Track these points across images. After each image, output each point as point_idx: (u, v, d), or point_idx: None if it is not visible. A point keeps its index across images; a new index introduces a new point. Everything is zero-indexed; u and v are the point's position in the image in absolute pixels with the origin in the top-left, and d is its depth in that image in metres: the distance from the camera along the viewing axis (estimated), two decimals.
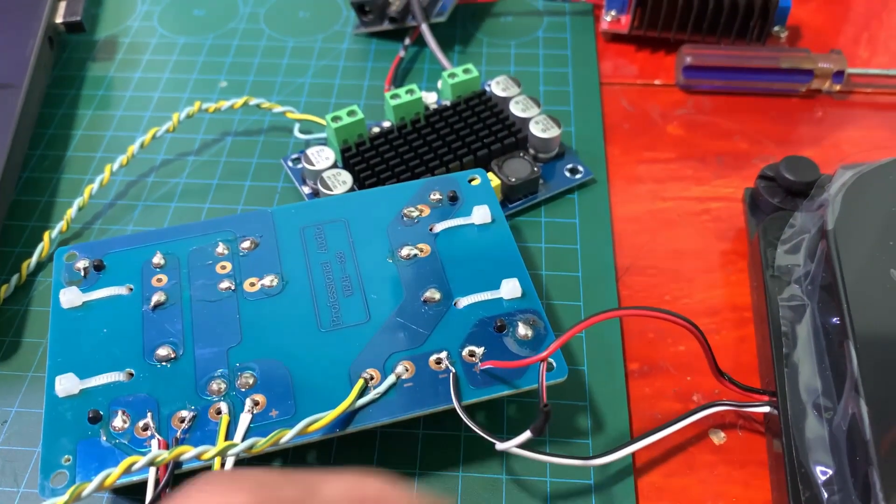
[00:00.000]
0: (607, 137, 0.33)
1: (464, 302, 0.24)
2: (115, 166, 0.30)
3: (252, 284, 0.24)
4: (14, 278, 0.28)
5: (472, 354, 0.23)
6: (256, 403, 0.22)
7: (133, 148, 0.30)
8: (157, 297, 0.24)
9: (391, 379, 0.22)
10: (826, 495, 0.21)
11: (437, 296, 0.24)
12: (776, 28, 0.36)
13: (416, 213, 0.26)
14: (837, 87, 0.34)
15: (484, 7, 0.38)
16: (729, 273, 0.28)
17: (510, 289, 0.24)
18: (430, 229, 0.26)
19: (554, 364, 0.22)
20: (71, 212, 0.29)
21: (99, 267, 0.25)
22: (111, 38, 0.37)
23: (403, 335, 0.23)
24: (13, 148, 0.30)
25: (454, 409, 0.21)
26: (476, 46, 0.36)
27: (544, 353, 0.21)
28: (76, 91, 0.35)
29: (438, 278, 0.24)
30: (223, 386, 0.22)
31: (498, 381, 0.22)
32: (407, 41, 0.35)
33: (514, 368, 0.22)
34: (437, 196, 0.27)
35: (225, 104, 0.31)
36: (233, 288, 0.24)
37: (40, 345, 0.26)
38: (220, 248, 0.25)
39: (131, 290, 0.24)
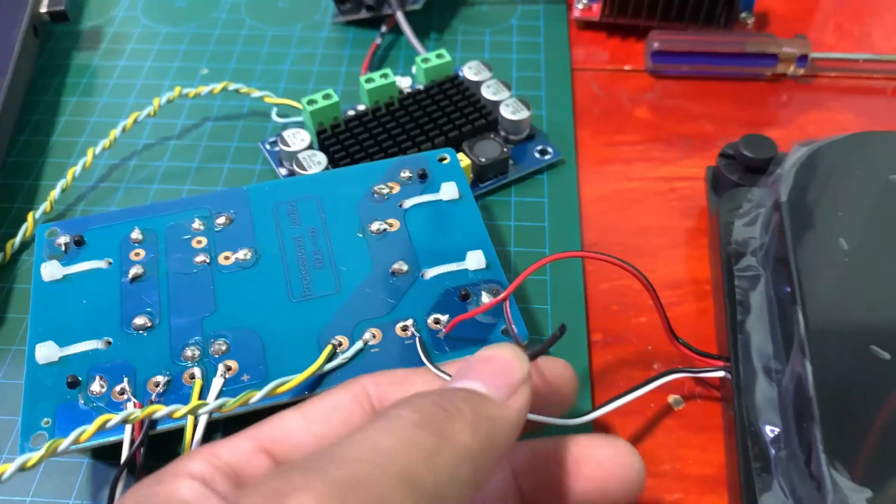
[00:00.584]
0: (578, 121, 0.34)
1: (430, 273, 0.25)
2: (98, 150, 0.31)
3: (226, 258, 0.25)
4: None
5: (437, 322, 0.23)
6: (229, 368, 0.23)
7: (115, 132, 0.31)
8: (134, 270, 0.25)
9: (358, 345, 0.23)
10: (773, 452, 0.22)
11: (405, 267, 0.25)
12: (743, 14, 0.37)
13: (386, 191, 0.27)
14: (802, 71, 0.35)
15: None
16: (692, 248, 0.29)
17: (475, 260, 0.25)
18: (400, 205, 0.27)
19: (515, 328, 0.23)
20: (54, 193, 0.30)
21: (79, 242, 0.26)
22: (96, 28, 0.38)
23: (371, 304, 0.24)
24: None
25: None
26: (451, 34, 0.37)
27: (503, 295, 0.22)
28: (61, 79, 0.36)
29: (407, 251, 0.25)
30: (197, 352, 0.23)
31: (462, 343, 0.23)
32: (383, 29, 0.36)
33: (479, 331, 0.23)
34: (408, 174, 0.27)
35: (205, 89, 0.32)
36: (208, 261, 0.25)
37: (23, 320, 0.27)
38: (196, 224, 0.26)
39: (110, 263, 0.25)
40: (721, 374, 0.24)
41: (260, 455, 0.18)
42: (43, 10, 0.35)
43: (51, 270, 0.25)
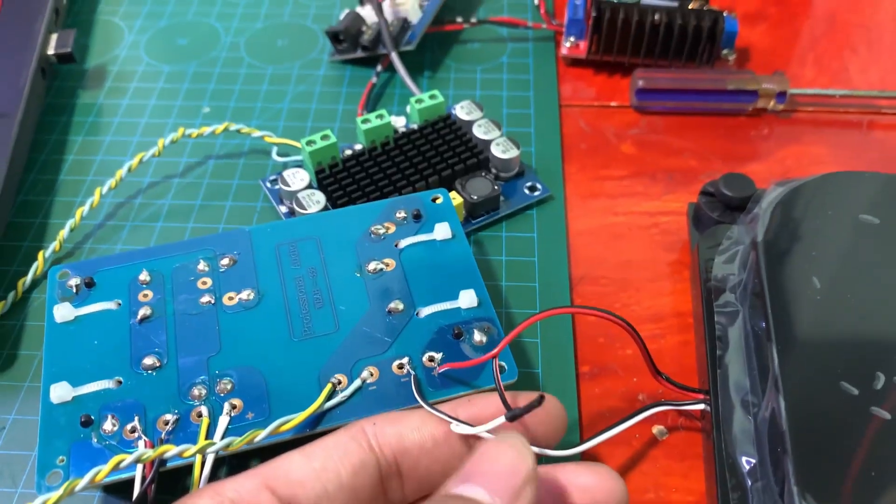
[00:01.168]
0: (565, 156, 0.35)
1: (425, 312, 0.26)
2: (105, 189, 0.32)
3: (230, 298, 0.26)
4: (10, 295, 0.30)
5: (431, 359, 0.25)
6: (234, 407, 0.24)
7: (121, 172, 0.33)
8: (143, 311, 0.26)
9: (357, 383, 0.24)
10: (750, 482, 0.23)
11: (401, 306, 0.26)
12: (724, 51, 0.38)
13: (382, 231, 0.28)
14: (781, 107, 0.37)
15: (452, 35, 0.40)
16: (675, 282, 0.31)
17: (467, 299, 0.26)
18: (396, 245, 0.28)
19: (505, 366, 0.25)
20: (63, 232, 0.31)
21: (90, 284, 0.27)
22: (100, 67, 0.39)
23: (369, 343, 0.25)
24: (10, 173, 0.32)
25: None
26: (444, 71, 0.39)
27: (493, 352, 0.23)
28: (67, 118, 0.37)
29: (402, 290, 0.27)
30: (203, 391, 0.24)
31: (455, 383, 0.24)
32: (379, 68, 0.38)
33: (470, 371, 0.24)
34: (403, 214, 0.29)
35: (207, 130, 0.33)
36: (213, 302, 0.26)
37: (35, 357, 0.28)
38: (202, 266, 0.27)
39: (119, 304, 0.26)
40: (701, 406, 0.26)
41: (264, 492, 0.19)
42: (50, 52, 0.37)
43: (63, 312, 0.26)
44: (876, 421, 0.22)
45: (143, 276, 0.27)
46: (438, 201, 0.29)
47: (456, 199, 0.30)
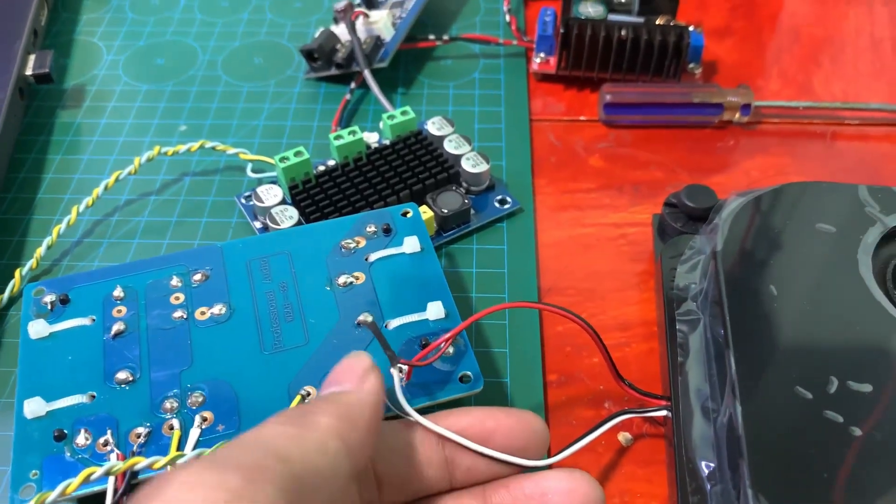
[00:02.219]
0: (535, 170, 0.36)
1: (394, 323, 0.27)
2: (82, 207, 0.33)
3: (202, 313, 0.27)
4: None
5: (400, 370, 0.25)
6: (205, 419, 0.24)
7: (98, 190, 0.33)
8: (117, 327, 0.26)
9: None
10: (709, 486, 0.24)
11: (370, 319, 0.27)
12: (691, 65, 0.39)
13: (352, 245, 0.29)
14: (746, 119, 0.37)
15: (425, 52, 0.41)
16: (641, 291, 0.31)
17: (435, 310, 0.27)
18: (366, 259, 0.29)
19: (471, 376, 0.25)
20: (40, 250, 0.32)
21: (64, 301, 0.27)
22: (79, 87, 0.40)
23: (338, 355, 0.25)
24: None
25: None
26: (418, 88, 0.39)
27: (447, 336, 0.24)
28: (46, 137, 0.38)
29: (372, 303, 0.27)
30: (175, 404, 0.25)
31: (422, 391, 0.25)
32: (353, 85, 0.38)
33: (437, 382, 0.25)
34: (373, 228, 0.29)
35: (183, 148, 0.34)
36: (185, 317, 0.27)
37: (11, 373, 0.29)
38: (174, 281, 0.28)
39: (94, 320, 0.27)
40: (664, 413, 0.26)
41: None
42: (28, 72, 0.37)
43: (38, 328, 0.26)
44: (829, 424, 0.23)
45: (118, 292, 0.27)
46: (408, 215, 0.30)
47: (427, 213, 0.31)
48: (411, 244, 0.29)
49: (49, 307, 0.27)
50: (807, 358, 0.24)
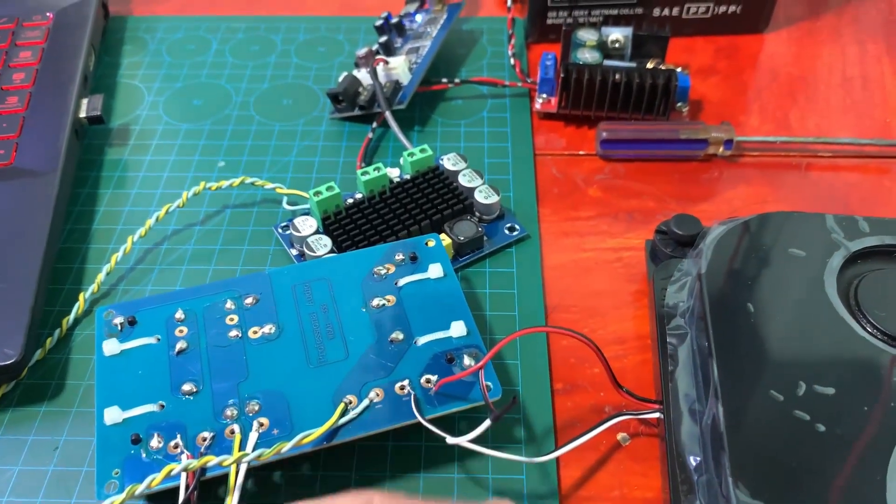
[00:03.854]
0: (540, 199, 0.40)
1: (422, 340, 0.30)
2: (136, 237, 0.37)
3: (255, 332, 0.31)
4: (56, 332, 0.34)
5: (428, 381, 0.29)
6: (261, 424, 0.28)
7: (150, 221, 0.37)
8: (180, 345, 0.30)
9: (365, 402, 0.28)
10: (696, 477, 0.27)
11: (401, 336, 0.31)
12: (679, 104, 0.43)
13: (384, 271, 0.33)
14: (728, 153, 0.42)
15: (438, 93, 0.45)
16: (636, 309, 0.35)
17: (458, 329, 0.31)
18: (396, 283, 0.32)
19: (491, 385, 0.29)
20: (101, 276, 0.36)
21: (132, 322, 0.31)
22: (124, 126, 0.44)
23: (374, 368, 0.30)
24: (53, 224, 0.36)
25: (415, 425, 0.28)
26: (432, 126, 0.44)
27: (479, 364, 0.28)
28: (97, 173, 0.41)
29: (402, 322, 0.31)
30: (235, 412, 0.28)
31: (449, 399, 0.29)
32: (374, 124, 0.42)
33: (462, 389, 0.29)
34: (401, 256, 0.33)
35: (225, 183, 0.38)
36: (240, 335, 0.31)
37: (81, 385, 0.33)
38: (229, 304, 0.32)
39: (159, 339, 0.31)
40: (657, 415, 0.30)
41: None
42: (82, 115, 0.41)
43: (111, 347, 0.30)
44: (797, 422, 0.27)
45: (179, 314, 0.31)
46: (431, 244, 0.34)
47: (445, 240, 0.35)
48: (436, 270, 0.33)
49: (119, 328, 0.31)
50: (779, 365, 0.28)
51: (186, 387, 0.29)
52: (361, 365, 0.30)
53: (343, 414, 0.28)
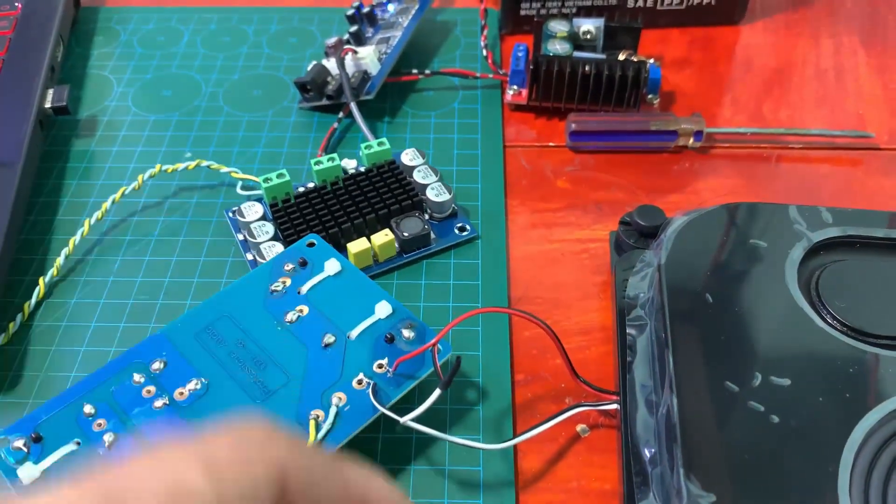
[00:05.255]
0: (508, 191, 0.40)
1: (354, 333, 0.30)
2: (93, 220, 0.36)
3: (181, 393, 0.28)
4: (18, 317, 0.34)
5: (380, 366, 0.29)
6: None
7: (106, 204, 0.37)
8: (107, 438, 0.27)
9: (333, 410, 0.28)
10: (650, 469, 0.27)
11: (333, 339, 0.30)
12: (649, 96, 0.43)
13: (280, 286, 0.31)
14: (699, 144, 0.41)
15: (409, 84, 0.45)
16: (600, 300, 0.35)
17: (383, 309, 0.30)
18: (299, 292, 0.31)
19: (441, 348, 0.29)
20: (59, 260, 0.35)
21: (37, 439, 0.27)
22: (92, 117, 0.44)
23: (322, 376, 0.29)
24: (13, 215, 0.36)
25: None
26: (402, 117, 0.43)
27: (433, 341, 0.28)
28: (63, 164, 0.41)
29: (327, 325, 0.30)
30: None
31: (406, 378, 0.29)
32: (340, 115, 0.42)
33: (415, 364, 0.29)
34: (291, 266, 0.32)
35: (181, 166, 0.38)
36: (167, 402, 0.28)
37: (38, 376, 0.32)
38: (137, 377, 0.29)
39: (79, 443, 0.27)
40: (615, 406, 0.30)
41: None
42: (48, 105, 0.41)
43: (28, 472, 0.26)
44: (752, 413, 0.26)
45: (88, 409, 0.28)
46: (313, 246, 0.33)
47: (388, 236, 0.35)
48: (332, 266, 0.32)
49: (25, 450, 0.27)
50: (735, 356, 0.28)
51: None
52: (309, 379, 0.29)
53: (317, 430, 0.27)
